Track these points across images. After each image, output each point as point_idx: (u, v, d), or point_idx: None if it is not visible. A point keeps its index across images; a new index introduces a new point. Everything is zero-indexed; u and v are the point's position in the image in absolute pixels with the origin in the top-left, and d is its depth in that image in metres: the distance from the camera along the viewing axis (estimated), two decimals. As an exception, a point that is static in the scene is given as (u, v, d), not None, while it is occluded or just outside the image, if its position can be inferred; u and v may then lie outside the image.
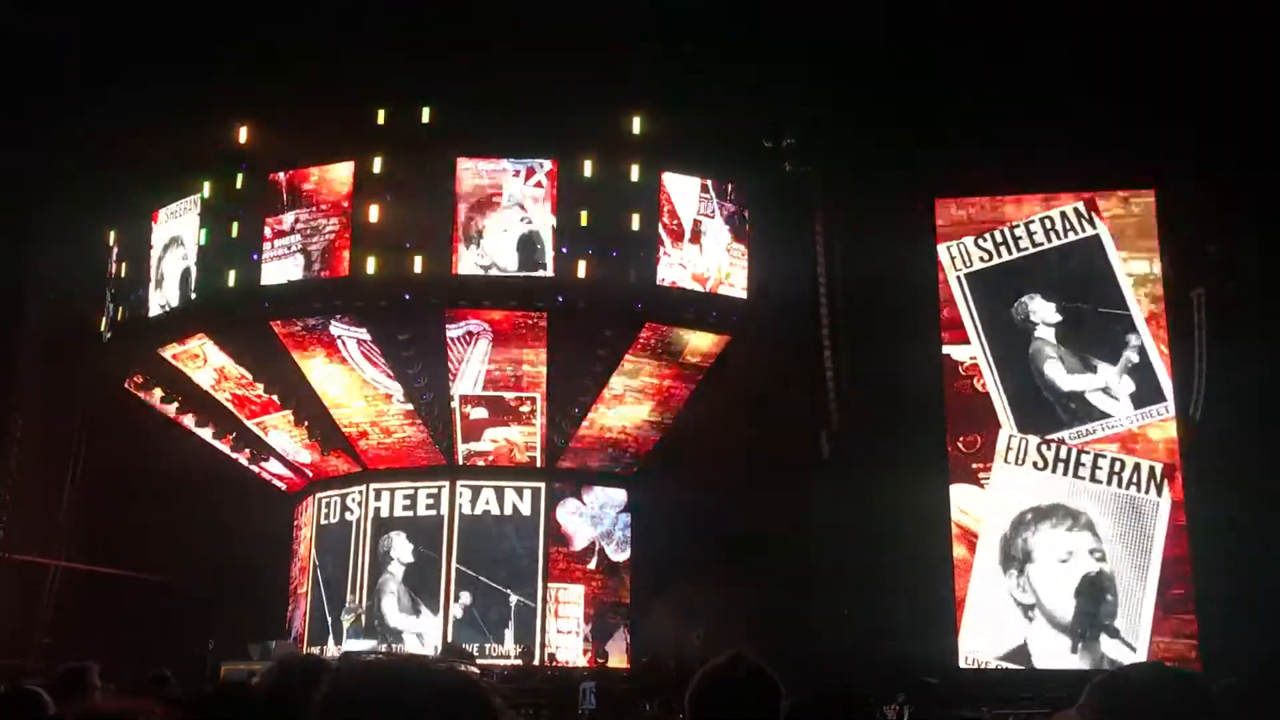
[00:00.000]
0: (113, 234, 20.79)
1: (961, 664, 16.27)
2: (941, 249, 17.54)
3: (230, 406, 20.29)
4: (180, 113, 17.70)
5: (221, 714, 3.18)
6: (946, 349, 17.34)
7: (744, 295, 18.75)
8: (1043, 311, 17.08)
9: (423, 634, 19.07)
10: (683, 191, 18.63)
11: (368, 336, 18.41)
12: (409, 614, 19.33)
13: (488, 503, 19.78)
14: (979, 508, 16.79)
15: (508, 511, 19.77)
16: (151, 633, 17.79)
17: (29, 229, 20.07)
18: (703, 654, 16.05)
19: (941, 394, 17.18)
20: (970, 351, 17.23)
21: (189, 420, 20.53)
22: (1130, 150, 16.18)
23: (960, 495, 16.89)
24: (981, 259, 17.47)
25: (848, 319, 17.46)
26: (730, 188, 19.03)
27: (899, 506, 16.14)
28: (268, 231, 18.45)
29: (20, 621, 19.00)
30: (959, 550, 16.70)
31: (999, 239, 17.45)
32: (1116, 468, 16.36)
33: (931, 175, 17.56)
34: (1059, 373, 16.85)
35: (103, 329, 20.51)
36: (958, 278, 17.46)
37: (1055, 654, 15.92)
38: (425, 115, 18.10)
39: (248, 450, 21.01)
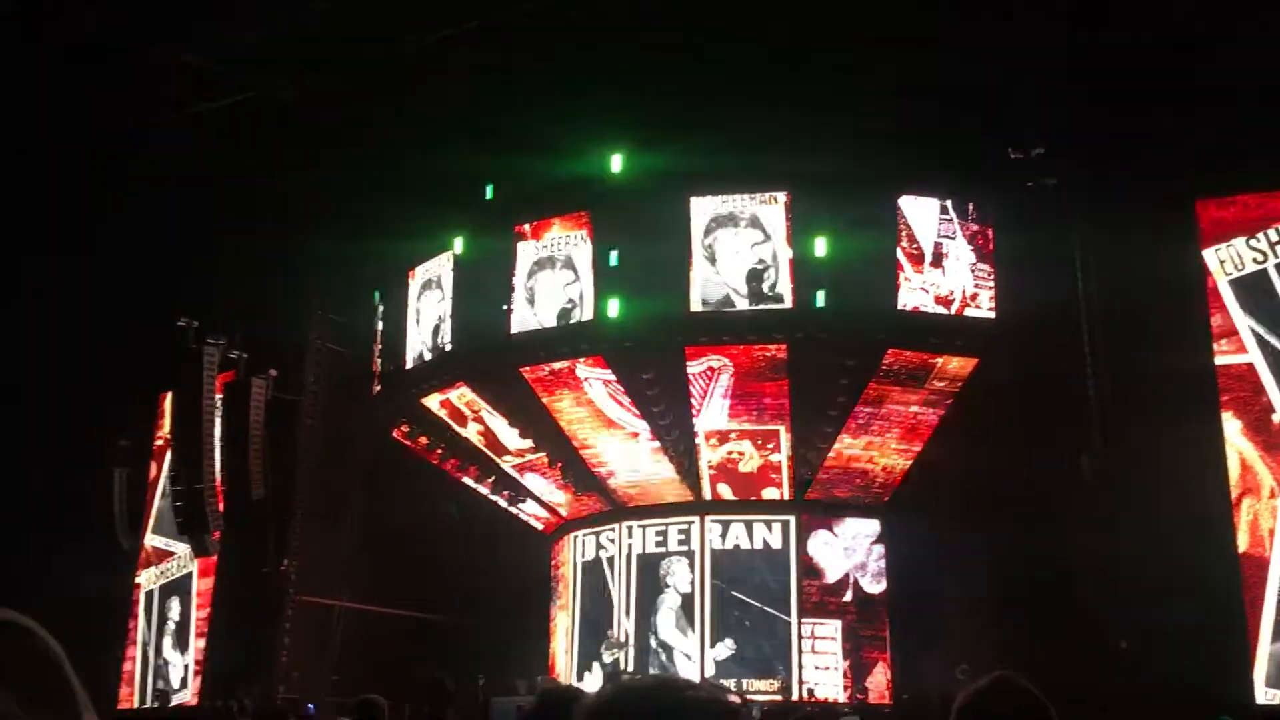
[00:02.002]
0: (377, 294, 22.26)
1: (1260, 699, 14.94)
2: (1208, 253, 16.35)
3: (488, 451, 21.24)
4: (431, 171, 18.87)
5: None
6: (1220, 360, 16.11)
7: (992, 315, 18.08)
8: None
9: (691, 655, 19.21)
10: (921, 214, 18.20)
11: (612, 377, 18.88)
12: (681, 633, 19.52)
13: (737, 537, 19.81)
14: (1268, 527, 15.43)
15: (758, 545, 19.74)
16: (425, 668, 18.73)
17: (306, 293, 21.85)
18: (948, 687, 15.45)
19: (1217, 408, 15.94)
20: (1248, 360, 15.95)
21: (451, 465, 21.64)
22: None
23: (1245, 516, 15.58)
24: (1255, 260, 16.16)
25: (1107, 334, 16.51)
26: (972, 206, 18.43)
27: (1175, 530, 15.04)
28: (515, 281, 19.28)
29: (311, 659, 20.46)
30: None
31: (1274, 237, 16.11)
32: None
33: (1190, 175, 16.42)
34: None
35: (374, 384, 21.93)
36: (1230, 283, 16.22)
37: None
38: (656, 157, 18.47)
39: (506, 492, 21.94)
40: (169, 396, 22.07)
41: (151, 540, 23.80)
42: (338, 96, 18.62)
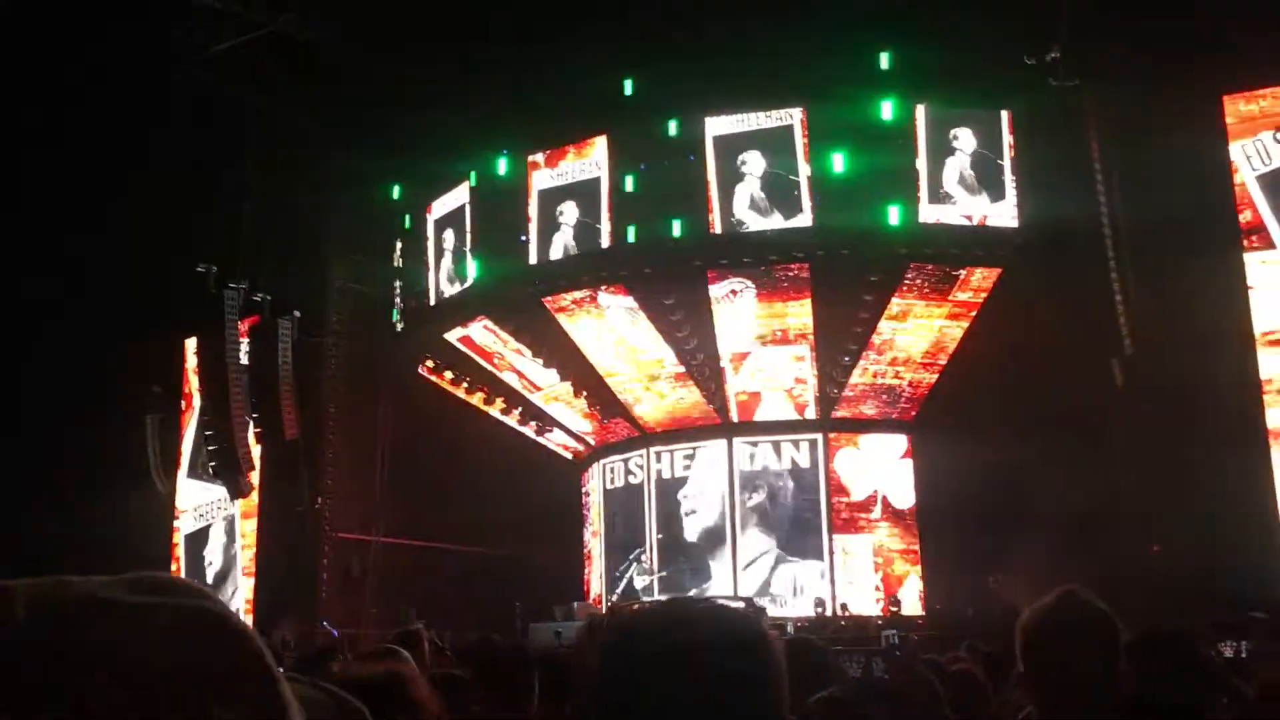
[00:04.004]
0: (395, 228, 22.20)
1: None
2: (1235, 148, 16.01)
3: (513, 383, 21.32)
4: (446, 105, 18.70)
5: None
6: (1249, 255, 15.87)
7: (1015, 224, 17.84)
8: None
9: (723, 576, 19.41)
10: (941, 124, 17.89)
11: (635, 304, 18.83)
12: (711, 552, 19.70)
13: (766, 457, 19.87)
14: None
15: (786, 465, 19.80)
16: (463, 599, 19.02)
17: (327, 231, 21.83)
18: (1001, 598, 15.53)
19: (1247, 304, 15.72)
20: (1278, 255, 15.69)
21: (478, 399, 21.75)
22: None
23: (1277, 416, 15.46)
24: (1284, 154, 15.82)
25: (1133, 236, 16.26)
26: (994, 114, 18.09)
27: (1206, 432, 14.94)
28: (532, 212, 19.17)
29: (351, 594, 20.80)
30: (1281, 474, 15.29)
31: (1302, 131, 15.76)
32: None
33: (1214, 69, 16.01)
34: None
35: (395, 319, 21.97)
36: (1257, 178, 15.91)
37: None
38: (671, 78, 18.19)
39: (534, 423, 22.06)
40: (192, 341, 22.16)
41: (188, 484, 24.11)
42: (354, 34, 18.42)
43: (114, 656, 0.70)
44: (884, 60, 17.52)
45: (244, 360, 19.81)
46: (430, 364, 21.63)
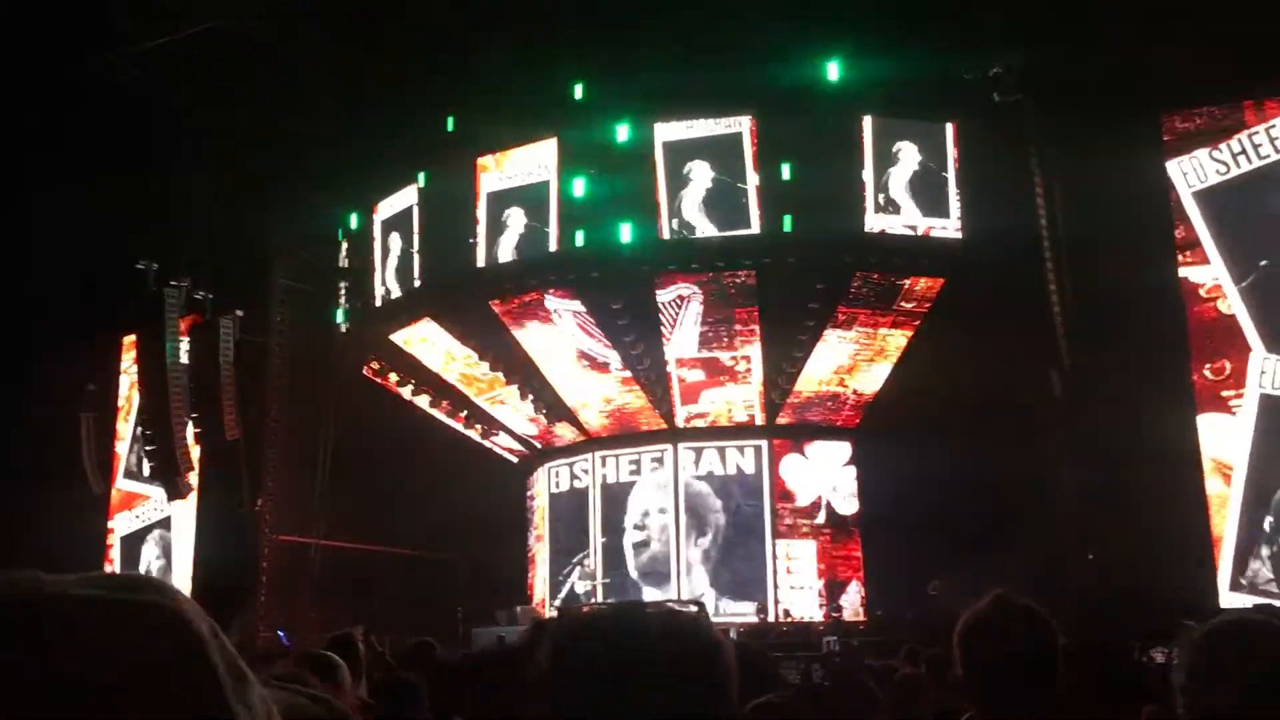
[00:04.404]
0: (341, 230, 21.99)
1: (1222, 605, 15.30)
2: (1172, 165, 16.38)
3: (460, 385, 21.20)
4: (394, 105, 18.55)
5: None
6: (1184, 271, 16.23)
7: (958, 236, 18.10)
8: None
9: (667, 580, 19.42)
10: (885, 135, 18.09)
11: (582, 308, 18.81)
12: (656, 560, 19.70)
13: (711, 464, 19.94)
14: (1232, 438, 15.68)
15: (731, 471, 19.89)
16: (406, 602, 18.87)
17: (271, 233, 21.56)
18: (941, 604, 15.72)
19: (1184, 319, 16.09)
20: (1212, 272, 16.07)
21: (424, 401, 21.60)
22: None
23: (1210, 426, 15.83)
24: (1218, 172, 16.22)
25: (1072, 249, 16.57)
26: (938, 126, 18.34)
27: (1142, 442, 15.25)
28: (480, 214, 19.08)
29: (290, 598, 20.54)
30: (1214, 485, 15.67)
31: (1236, 149, 16.14)
32: (1390, 386, 14.95)
33: (1153, 88, 16.37)
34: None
35: (339, 320, 21.76)
36: (1192, 194, 16.28)
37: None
38: (620, 83, 18.23)
39: (479, 426, 21.95)
40: (130, 340, 21.78)
41: (124, 485, 23.68)
42: (297, 30, 18.22)
43: (71, 652, 0.69)
44: (832, 71, 17.67)
45: (184, 359, 19.50)
46: (375, 366, 21.45)
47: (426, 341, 20.63)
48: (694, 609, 1.41)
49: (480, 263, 19.07)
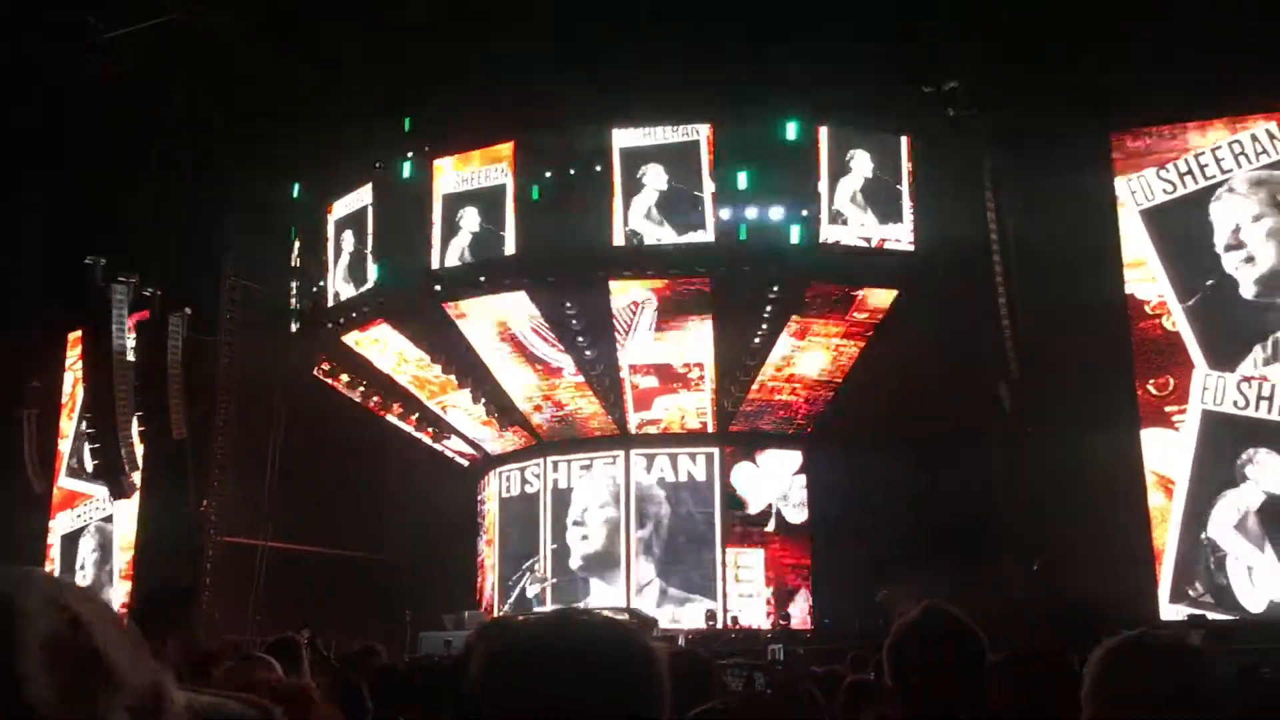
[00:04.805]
0: (293, 227, 21.77)
1: (1163, 616, 15.56)
2: (1120, 183, 16.66)
3: (411, 388, 21.05)
4: (350, 106, 18.41)
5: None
6: (1131, 288, 16.51)
7: (911, 248, 18.27)
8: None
9: (616, 586, 19.40)
10: (843, 146, 18.23)
11: (536, 311, 18.76)
12: (606, 564, 19.68)
13: (662, 470, 19.96)
14: (1174, 453, 15.97)
15: (682, 478, 19.92)
16: (354, 606, 18.69)
17: (223, 230, 21.30)
18: (888, 613, 15.84)
19: (1128, 336, 16.36)
20: (1158, 289, 16.36)
21: (375, 403, 21.42)
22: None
23: (1154, 440, 16.10)
24: (1165, 191, 16.52)
25: (1023, 264, 16.79)
26: (894, 139, 18.51)
27: (1088, 455, 15.47)
28: (435, 216, 18.98)
29: (235, 601, 20.27)
30: (1156, 498, 15.94)
31: (1183, 169, 16.46)
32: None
33: (1105, 107, 16.66)
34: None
35: (291, 321, 21.53)
36: (1140, 212, 16.57)
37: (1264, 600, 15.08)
38: (580, 88, 18.22)
39: (430, 429, 21.81)
40: (75, 335, 21.42)
41: (66, 483, 23.28)
42: (251, 27, 18.04)
43: None
44: (788, 80, 17.78)
45: (131, 357, 19.20)
46: (326, 366, 21.25)
47: (379, 343, 20.48)
48: (629, 617, 1.41)
49: (435, 264, 18.97)
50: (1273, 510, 15.30)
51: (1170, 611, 15.58)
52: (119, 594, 21.46)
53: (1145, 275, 16.43)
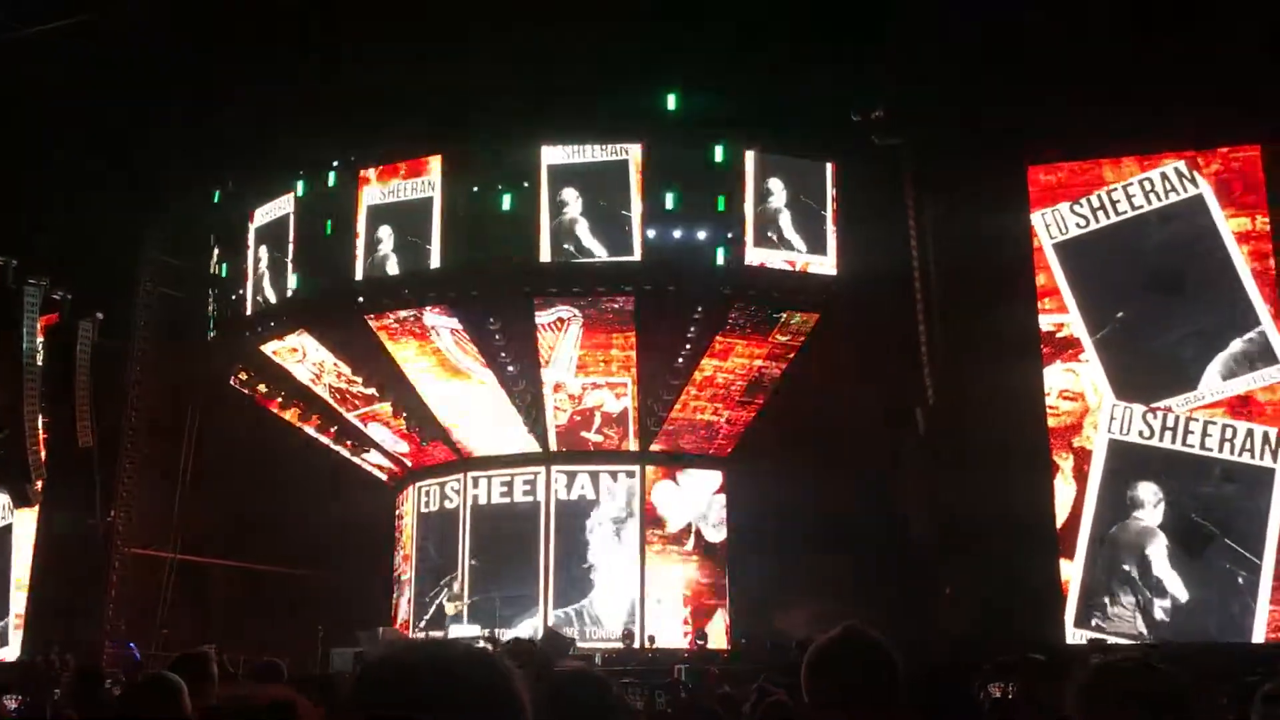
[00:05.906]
0: (213, 235, 21.38)
1: (1070, 640, 15.91)
2: (1035, 216, 17.08)
3: (330, 400, 20.76)
4: (274, 115, 18.15)
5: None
6: (1043, 319, 16.91)
7: (834, 272, 18.54)
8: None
9: (534, 604, 19.29)
10: (768, 171, 18.46)
11: (459, 326, 18.65)
12: (525, 583, 19.56)
13: (583, 487, 19.93)
14: (1079, 481, 16.36)
15: (604, 496, 19.89)
16: (264, 620, 18.32)
17: (140, 231, 20.82)
18: (804, 634, 15.97)
19: (1039, 362, 16.76)
20: (1068, 319, 16.79)
21: (292, 414, 21.07)
22: (1235, 105, 15.54)
23: (1063, 464, 16.48)
24: (1078, 225, 16.97)
25: (941, 292, 17.12)
26: (819, 165, 18.78)
27: (999, 481, 15.80)
28: (359, 227, 18.79)
29: (140, 613, 19.74)
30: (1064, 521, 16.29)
31: (1095, 204, 16.92)
32: (1228, 434, 15.81)
33: (1023, 141, 17.08)
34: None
35: (208, 327, 21.12)
36: (1054, 245, 17.00)
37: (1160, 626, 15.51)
38: (510, 105, 18.19)
39: (350, 442, 21.50)
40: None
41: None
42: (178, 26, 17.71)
43: None
44: (717, 105, 17.98)
45: (39, 361, 18.63)
46: (244, 376, 20.86)
47: (296, 353, 20.18)
48: (543, 637, 1.49)
49: (358, 275, 18.76)
50: (1173, 535, 15.75)
51: (1074, 635, 15.93)
52: (16, 604, 20.75)
53: (1058, 306, 16.85)
